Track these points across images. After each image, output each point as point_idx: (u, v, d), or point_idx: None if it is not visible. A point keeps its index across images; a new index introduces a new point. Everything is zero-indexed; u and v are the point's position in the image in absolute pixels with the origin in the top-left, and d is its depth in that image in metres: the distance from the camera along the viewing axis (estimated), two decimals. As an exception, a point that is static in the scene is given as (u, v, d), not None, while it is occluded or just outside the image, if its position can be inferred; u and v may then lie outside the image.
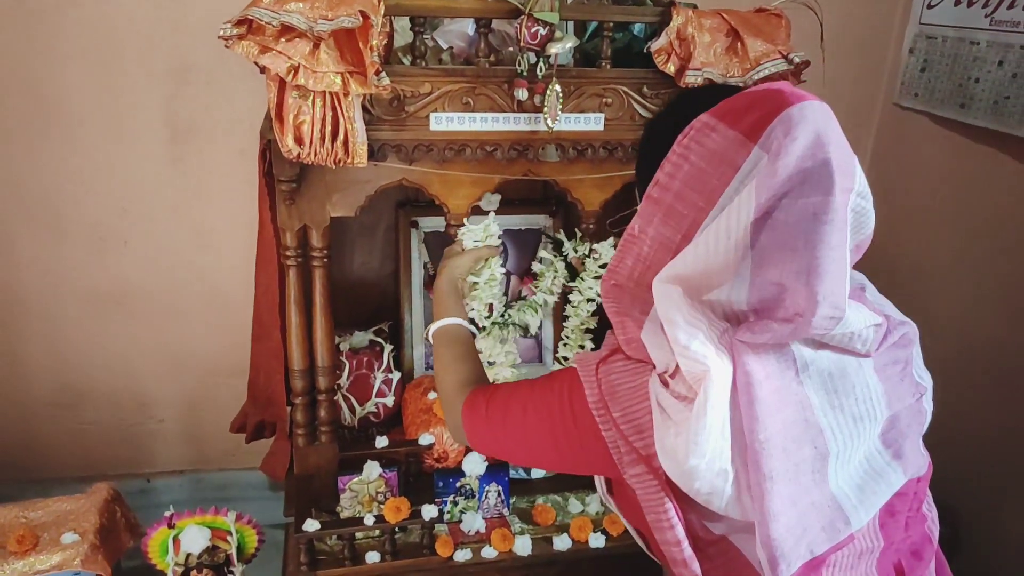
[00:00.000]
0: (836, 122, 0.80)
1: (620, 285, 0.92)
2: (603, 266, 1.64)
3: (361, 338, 1.81)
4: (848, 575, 0.90)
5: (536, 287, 1.75)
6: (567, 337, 1.71)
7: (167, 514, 1.55)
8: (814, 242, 0.77)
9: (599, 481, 1.08)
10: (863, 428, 0.87)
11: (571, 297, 1.70)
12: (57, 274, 1.91)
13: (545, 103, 1.32)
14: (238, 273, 1.94)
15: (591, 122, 1.41)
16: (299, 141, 1.27)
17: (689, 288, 0.84)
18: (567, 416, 0.96)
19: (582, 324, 1.69)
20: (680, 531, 0.88)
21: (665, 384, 0.86)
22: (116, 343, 2.00)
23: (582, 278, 1.67)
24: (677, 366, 0.84)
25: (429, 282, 1.81)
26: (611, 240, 1.65)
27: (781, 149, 0.77)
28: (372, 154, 1.35)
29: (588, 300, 1.67)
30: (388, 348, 1.80)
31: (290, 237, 1.43)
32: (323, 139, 1.27)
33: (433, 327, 1.30)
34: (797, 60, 1.33)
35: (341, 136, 1.27)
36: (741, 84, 1.35)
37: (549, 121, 1.33)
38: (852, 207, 0.80)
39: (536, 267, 1.75)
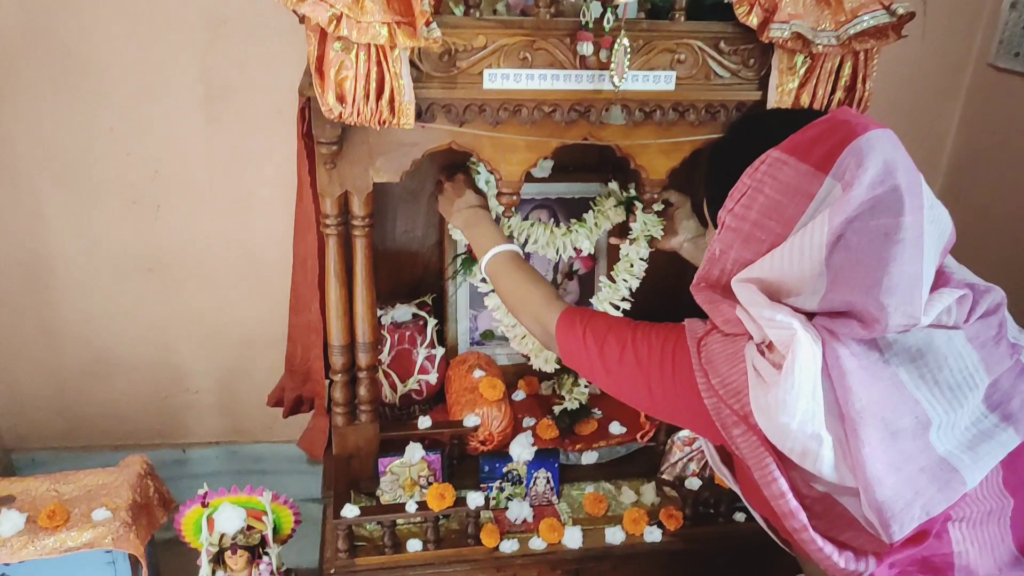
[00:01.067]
0: (902, 147, 0.89)
1: (710, 286, 1.01)
2: (631, 266, 1.62)
3: (403, 311, 1.71)
4: (978, 530, 0.94)
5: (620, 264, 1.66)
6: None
7: (201, 492, 1.48)
8: (886, 260, 0.84)
9: (710, 451, 1.12)
10: (963, 396, 0.90)
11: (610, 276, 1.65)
12: (88, 238, 1.84)
13: (612, 59, 1.18)
14: (277, 240, 1.84)
15: (661, 81, 1.27)
16: (341, 99, 1.16)
17: (766, 290, 0.93)
18: (667, 368, 1.04)
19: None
20: (783, 484, 0.92)
21: (762, 353, 0.93)
22: (149, 312, 1.93)
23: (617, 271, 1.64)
24: (772, 342, 0.91)
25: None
26: (635, 244, 1.60)
27: (853, 179, 0.84)
28: (420, 114, 1.23)
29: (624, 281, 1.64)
30: (432, 322, 1.70)
31: (330, 204, 1.32)
32: (367, 97, 1.16)
33: (488, 255, 1.34)
34: (901, 11, 1.17)
35: (387, 94, 1.16)
36: (803, 109, 1.25)
37: (615, 79, 1.19)
38: (929, 219, 0.87)
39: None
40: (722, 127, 1.34)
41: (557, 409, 1.71)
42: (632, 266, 1.61)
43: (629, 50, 1.19)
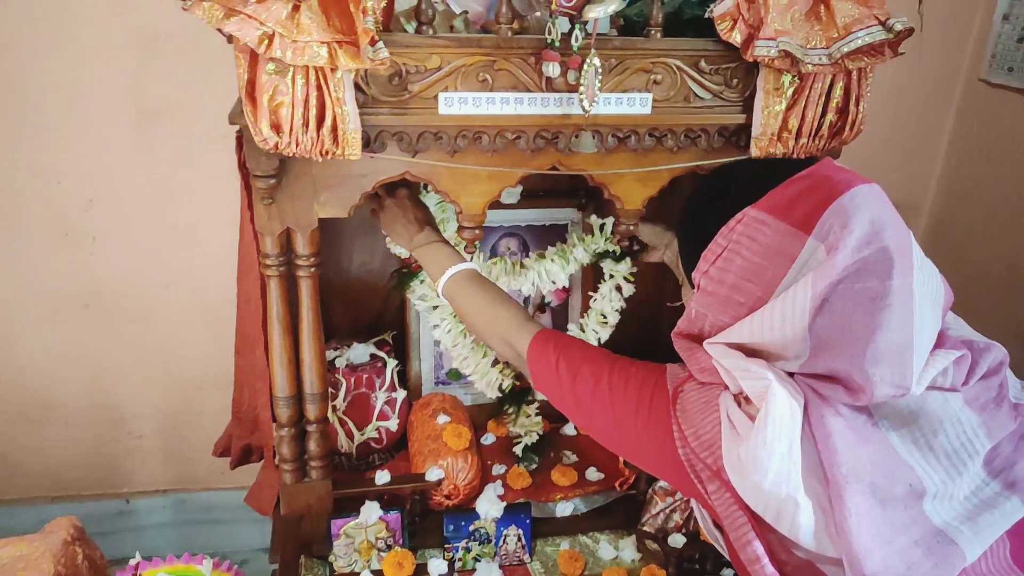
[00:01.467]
0: (889, 203, 0.84)
1: (688, 336, 0.95)
2: (603, 318, 1.59)
3: (360, 352, 1.57)
4: None
5: (583, 328, 1.60)
6: None
7: (132, 562, 1.33)
8: (872, 327, 0.79)
9: (700, 512, 1.05)
10: (961, 464, 0.83)
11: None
12: (15, 274, 1.69)
13: (581, 80, 1.06)
14: (223, 273, 1.68)
15: (636, 104, 1.15)
16: (277, 128, 1.03)
17: (744, 352, 0.87)
18: (642, 412, 0.97)
19: None
20: (759, 547, 0.85)
21: (738, 404, 0.86)
22: (85, 351, 1.78)
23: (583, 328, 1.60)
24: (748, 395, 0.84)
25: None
26: (608, 289, 1.57)
27: (838, 242, 0.79)
28: (368, 143, 1.10)
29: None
30: (392, 364, 1.56)
31: (270, 242, 1.18)
32: (306, 125, 1.03)
33: (445, 277, 1.23)
34: (899, 27, 1.06)
35: (329, 122, 1.03)
36: (781, 154, 1.17)
37: (585, 103, 1.07)
38: (920, 281, 0.81)
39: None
40: (703, 153, 1.22)
41: (518, 448, 1.60)
42: (604, 317, 1.53)
43: (600, 70, 1.07)
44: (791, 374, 0.85)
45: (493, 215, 1.57)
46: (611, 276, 1.58)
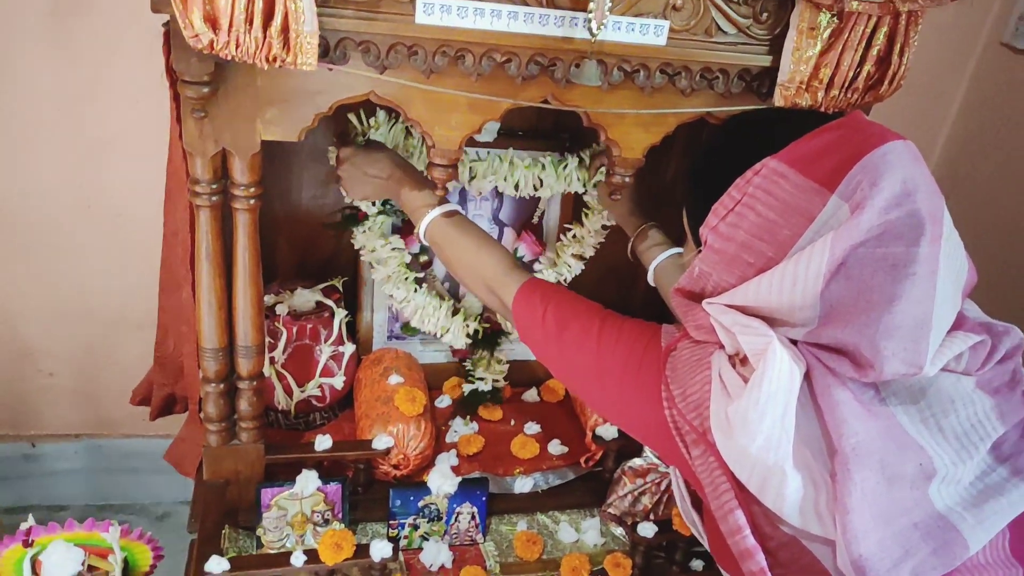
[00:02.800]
0: (923, 163, 0.77)
1: (688, 295, 0.88)
2: (578, 256, 1.48)
3: (304, 298, 1.38)
4: None
5: (559, 253, 1.48)
6: None
7: (24, 526, 1.14)
8: (891, 296, 0.73)
9: (680, 492, 1.01)
10: (972, 447, 0.78)
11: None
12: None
13: (591, -3, 0.88)
14: (149, 196, 1.46)
15: (650, 32, 0.97)
16: (212, 22, 0.82)
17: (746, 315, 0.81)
18: (631, 368, 0.92)
19: None
20: (741, 517, 0.80)
21: (733, 364, 0.82)
22: (-13, 277, 1.55)
23: (557, 254, 1.49)
24: (747, 355, 0.79)
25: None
26: (593, 221, 1.45)
27: (864, 200, 0.73)
28: (326, 52, 0.91)
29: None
30: (341, 314, 1.38)
31: (201, 166, 0.99)
32: (250, 22, 0.83)
33: (427, 219, 1.15)
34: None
35: (278, 20, 0.83)
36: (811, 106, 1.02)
37: (593, 25, 0.89)
38: (946, 253, 0.75)
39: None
40: (718, 98, 1.06)
41: (467, 388, 1.50)
42: (583, 255, 1.47)
43: (613, -13, 0.88)
44: (794, 342, 0.80)
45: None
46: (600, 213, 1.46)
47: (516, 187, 1.39)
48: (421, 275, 1.46)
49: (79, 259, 1.58)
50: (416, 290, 1.41)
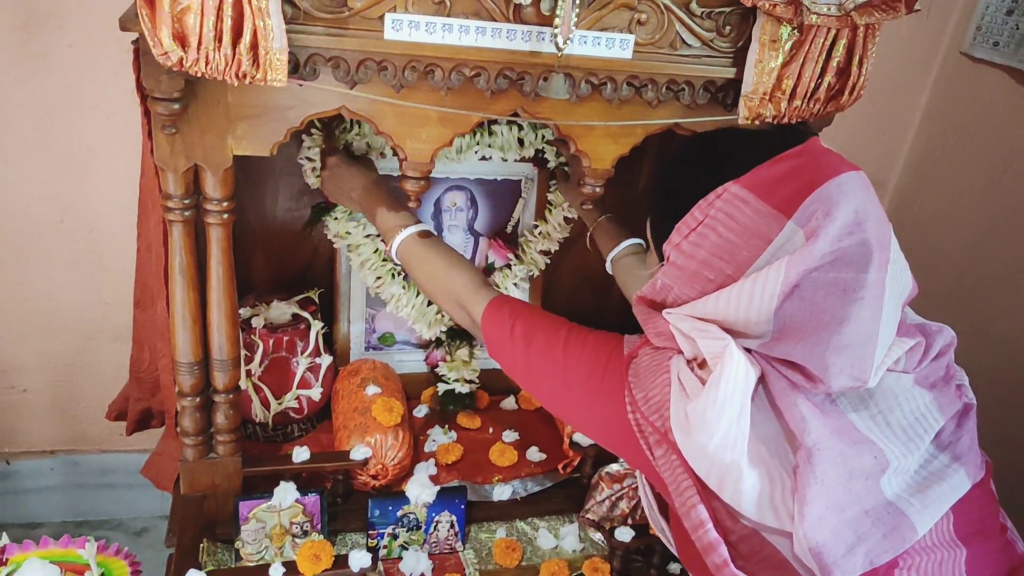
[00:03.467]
0: (873, 191, 0.82)
1: (649, 304, 0.91)
2: (544, 252, 1.51)
3: (280, 310, 1.39)
4: None
5: (525, 249, 1.51)
6: None
7: (-2, 545, 1.14)
8: (841, 317, 0.78)
9: (647, 498, 1.02)
10: (918, 439, 0.84)
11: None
12: None
13: (557, 11, 0.89)
14: (123, 210, 1.47)
15: (616, 46, 0.99)
16: (181, 40, 0.83)
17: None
18: (595, 377, 0.95)
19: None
20: (703, 512, 0.84)
21: (691, 368, 0.85)
22: (-43, 292, 1.54)
23: (523, 250, 1.51)
24: (704, 359, 0.83)
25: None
26: (556, 215, 1.49)
27: (819, 230, 0.77)
28: (296, 68, 0.92)
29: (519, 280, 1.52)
30: (317, 326, 1.39)
31: (173, 181, 0.99)
32: (219, 39, 0.84)
33: (399, 238, 1.18)
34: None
35: (247, 37, 0.84)
36: (771, 122, 1.07)
37: (560, 39, 0.91)
38: (892, 275, 0.80)
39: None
40: (685, 110, 1.08)
41: (441, 388, 1.51)
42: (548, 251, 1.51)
43: (578, 3, 0.90)
44: (749, 351, 0.84)
45: (440, 165, 1.41)
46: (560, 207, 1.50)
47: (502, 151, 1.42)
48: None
49: (52, 273, 1.57)
50: (393, 276, 1.42)
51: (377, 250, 1.40)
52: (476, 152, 1.41)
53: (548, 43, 0.94)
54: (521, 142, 1.42)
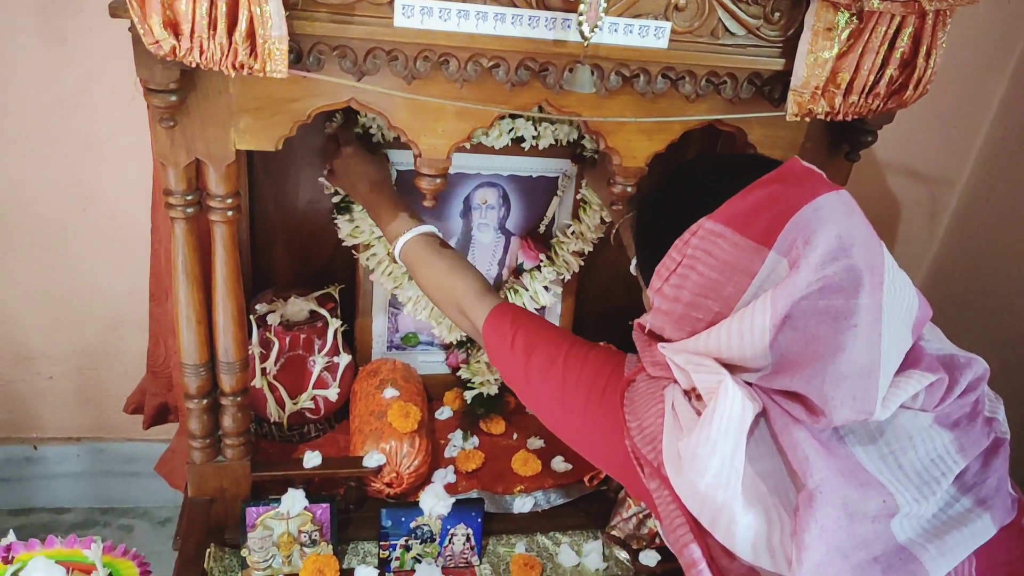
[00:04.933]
0: (858, 212, 0.78)
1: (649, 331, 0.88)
2: (577, 253, 1.43)
3: (298, 307, 1.34)
4: None
5: (557, 251, 1.43)
6: None
7: (4, 542, 1.11)
8: (834, 347, 0.74)
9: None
10: (935, 484, 0.78)
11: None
12: None
13: (583, -2, 0.81)
14: (143, 199, 1.43)
15: (650, 34, 0.90)
16: (173, 28, 0.77)
17: None
18: (593, 397, 0.92)
19: None
20: (696, 551, 0.80)
21: (688, 398, 0.82)
22: (-18, 279, 1.53)
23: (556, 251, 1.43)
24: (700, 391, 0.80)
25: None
26: (591, 216, 1.40)
27: (799, 259, 0.74)
28: (299, 58, 0.85)
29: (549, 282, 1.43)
30: (335, 324, 1.33)
31: (175, 176, 0.94)
32: (213, 27, 0.78)
33: (402, 240, 1.14)
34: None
35: (243, 24, 0.78)
36: (823, 119, 0.97)
37: (585, 27, 0.82)
38: (890, 297, 0.76)
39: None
40: (726, 105, 0.99)
41: (469, 395, 1.44)
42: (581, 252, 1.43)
43: (608, -14, 0.81)
44: (748, 384, 0.80)
45: (470, 160, 1.35)
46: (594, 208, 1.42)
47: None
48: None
49: (77, 261, 1.55)
50: (410, 279, 1.36)
51: (390, 252, 1.33)
52: (510, 133, 1.32)
53: (574, 31, 0.85)
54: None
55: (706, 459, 0.75)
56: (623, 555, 1.26)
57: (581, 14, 0.81)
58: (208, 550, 1.15)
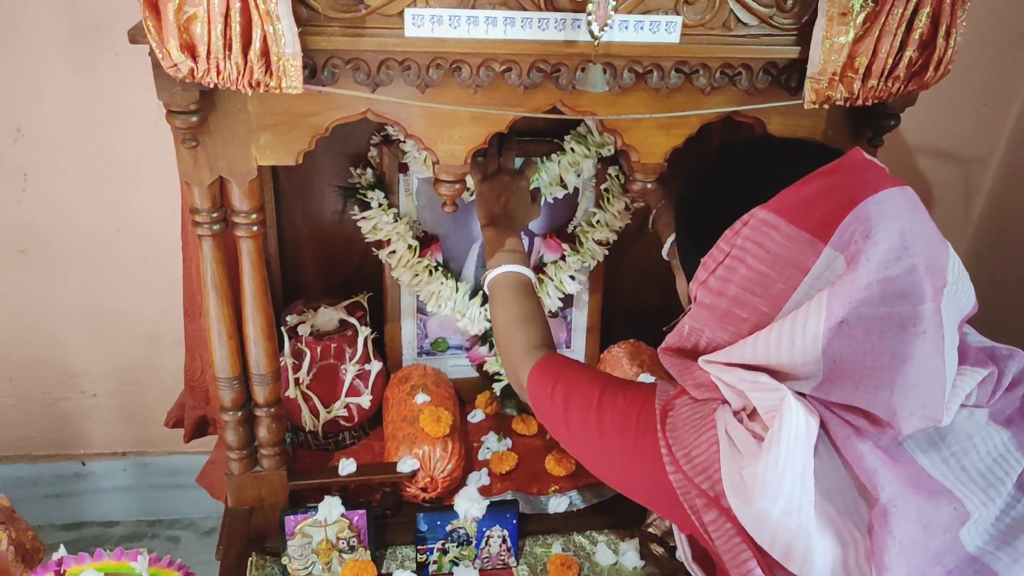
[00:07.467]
0: (922, 209, 0.74)
1: (679, 352, 0.83)
2: (601, 242, 1.41)
3: (328, 317, 1.35)
4: None
5: (582, 240, 1.42)
6: None
7: (55, 556, 1.15)
8: (903, 357, 0.69)
9: (681, 544, 0.94)
10: (1000, 484, 0.75)
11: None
12: (-61, 214, 1.47)
13: (591, -3, 0.81)
14: (173, 218, 1.47)
15: (661, 29, 0.90)
16: (190, 50, 0.79)
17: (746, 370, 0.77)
18: (628, 437, 0.88)
19: None
20: None
21: (740, 420, 0.77)
22: (26, 301, 1.58)
23: (580, 241, 1.42)
24: (755, 409, 0.75)
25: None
26: (614, 204, 1.39)
27: (859, 255, 0.69)
28: (313, 73, 0.87)
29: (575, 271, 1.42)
30: (364, 332, 1.35)
31: (200, 195, 0.96)
32: (228, 47, 0.79)
33: (496, 271, 1.15)
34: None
35: (257, 43, 0.79)
36: (842, 105, 0.94)
37: (595, 26, 0.82)
38: (949, 298, 0.72)
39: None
40: (743, 96, 0.98)
41: (498, 387, 1.46)
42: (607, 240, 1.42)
43: (616, -16, 0.81)
44: (802, 394, 0.75)
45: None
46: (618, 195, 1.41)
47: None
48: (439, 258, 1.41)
49: (114, 281, 1.59)
50: (431, 273, 1.37)
51: (411, 247, 1.34)
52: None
53: (584, 31, 0.85)
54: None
55: (776, 484, 0.71)
56: (660, 551, 1.25)
57: (590, 14, 0.81)
58: (250, 559, 1.18)
